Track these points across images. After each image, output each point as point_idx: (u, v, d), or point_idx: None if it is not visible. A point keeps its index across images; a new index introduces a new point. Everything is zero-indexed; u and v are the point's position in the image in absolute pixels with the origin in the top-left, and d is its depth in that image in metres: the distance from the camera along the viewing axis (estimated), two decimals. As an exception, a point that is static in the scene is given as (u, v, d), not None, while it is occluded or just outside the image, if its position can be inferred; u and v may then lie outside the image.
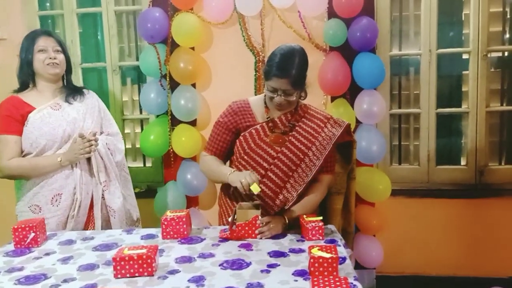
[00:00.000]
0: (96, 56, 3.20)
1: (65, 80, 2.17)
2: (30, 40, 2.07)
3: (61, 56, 2.09)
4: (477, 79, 2.84)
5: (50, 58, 2.05)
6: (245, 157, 1.89)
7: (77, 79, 3.16)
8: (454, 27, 2.96)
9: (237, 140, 1.93)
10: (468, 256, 2.86)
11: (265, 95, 1.89)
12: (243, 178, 1.70)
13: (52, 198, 2.02)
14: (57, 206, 2.03)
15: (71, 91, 2.16)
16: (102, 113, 2.25)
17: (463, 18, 2.91)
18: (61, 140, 2.05)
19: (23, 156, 2.02)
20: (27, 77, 2.09)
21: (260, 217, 1.72)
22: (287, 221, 1.80)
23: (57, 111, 2.08)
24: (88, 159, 2.08)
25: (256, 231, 1.71)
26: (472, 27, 2.82)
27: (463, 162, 2.96)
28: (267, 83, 1.80)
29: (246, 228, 1.71)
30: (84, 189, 2.06)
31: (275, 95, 1.79)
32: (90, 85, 3.23)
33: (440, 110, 2.91)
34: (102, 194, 2.11)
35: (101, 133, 2.21)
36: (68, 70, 2.17)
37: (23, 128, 2.01)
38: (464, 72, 2.92)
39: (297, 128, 1.89)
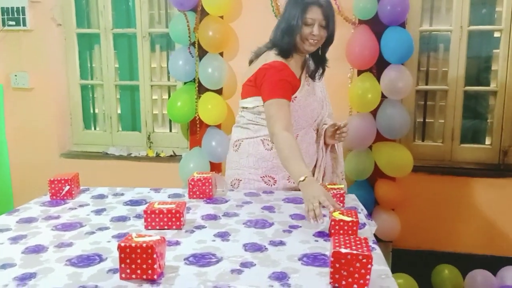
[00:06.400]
0: (127, 22, 3.25)
1: (320, 50, 1.95)
2: (301, 8, 1.83)
3: (323, 33, 1.86)
4: (507, 58, 2.80)
5: (314, 34, 1.84)
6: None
7: (108, 44, 3.23)
8: (487, 5, 2.90)
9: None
10: (486, 234, 2.88)
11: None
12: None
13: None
14: (293, 183, 1.83)
15: (321, 66, 1.98)
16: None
17: (497, -5, 2.85)
18: (313, 123, 1.98)
19: None
20: (288, 45, 1.87)
21: None
22: None
23: (310, 88, 1.96)
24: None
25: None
26: (506, 4, 2.77)
27: (487, 141, 2.95)
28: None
29: None
30: (321, 172, 2.04)
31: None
32: (120, 51, 3.31)
33: (468, 88, 2.89)
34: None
35: None
36: (330, 40, 1.92)
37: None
38: (494, 51, 2.88)
39: None
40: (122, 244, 1.10)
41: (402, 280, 2.66)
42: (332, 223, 1.39)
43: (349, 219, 1.39)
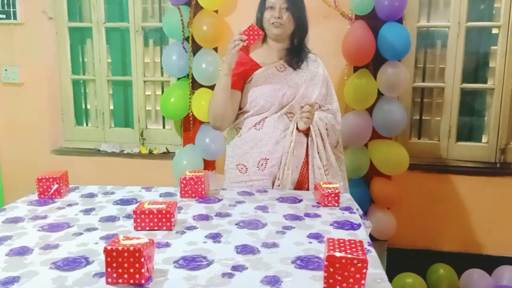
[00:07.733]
0: (120, 16, 3.20)
1: (295, 40, 2.02)
2: None
3: (286, 15, 1.94)
4: (505, 55, 2.77)
5: (274, 17, 1.93)
6: None
7: (100, 38, 3.18)
8: (485, 1, 2.87)
9: None
10: (482, 233, 2.86)
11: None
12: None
13: (259, 161, 1.96)
14: (262, 171, 1.96)
15: (296, 55, 2.02)
16: (326, 85, 2.07)
17: (495, -9, 2.82)
18: (279, 104, 1.96)
19: (241, 113, 1.99)
20: None
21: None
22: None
23: (281, 73, 1.99)
24: (306, 134, 1.98)
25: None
26: (504, 0, 2.74)
27: (484, 139, 2.93)
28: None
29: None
30: (294, 162, 1.96)
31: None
32: (113, 45, 3.25)
33: (465, 85, 2.86)
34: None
35: (320, 106, 2.05)
36: (301, 29, 2.00)
37: (246, 85, 1.97)
38: (492, 47, 2.85)
39: None
40: (109, 248, 1.06)
41: (411, 279, 2.66)
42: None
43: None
